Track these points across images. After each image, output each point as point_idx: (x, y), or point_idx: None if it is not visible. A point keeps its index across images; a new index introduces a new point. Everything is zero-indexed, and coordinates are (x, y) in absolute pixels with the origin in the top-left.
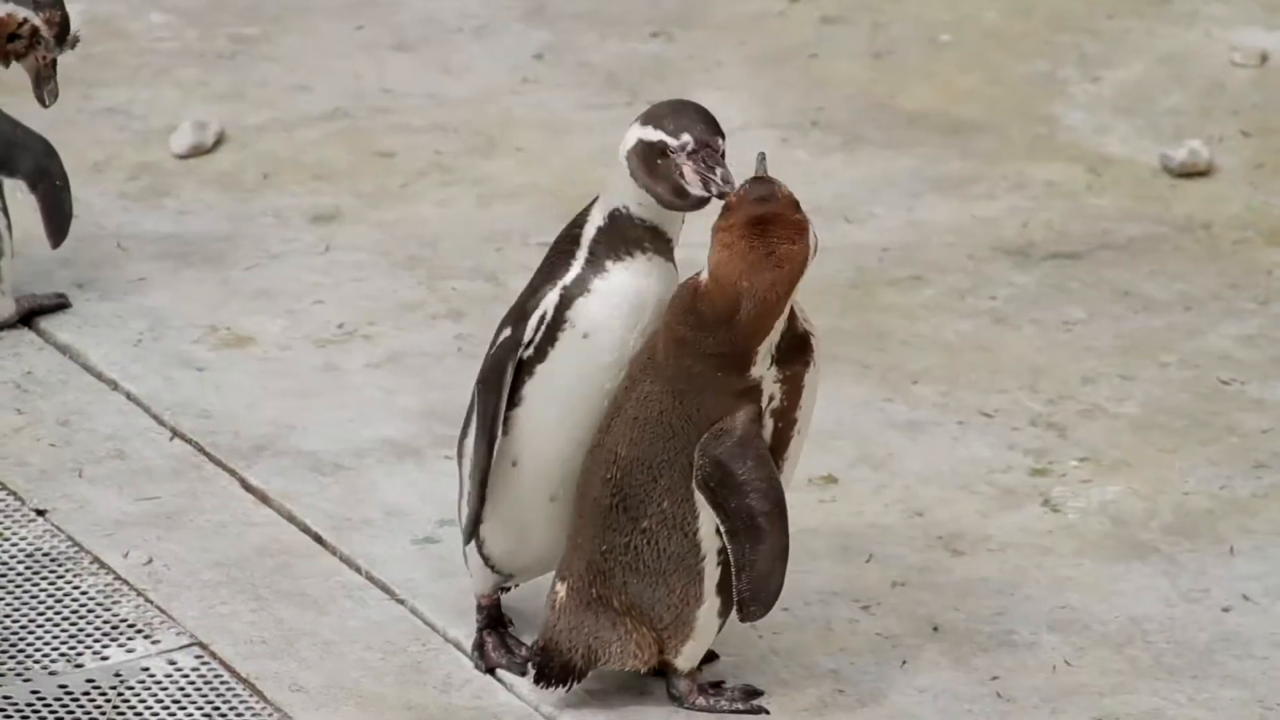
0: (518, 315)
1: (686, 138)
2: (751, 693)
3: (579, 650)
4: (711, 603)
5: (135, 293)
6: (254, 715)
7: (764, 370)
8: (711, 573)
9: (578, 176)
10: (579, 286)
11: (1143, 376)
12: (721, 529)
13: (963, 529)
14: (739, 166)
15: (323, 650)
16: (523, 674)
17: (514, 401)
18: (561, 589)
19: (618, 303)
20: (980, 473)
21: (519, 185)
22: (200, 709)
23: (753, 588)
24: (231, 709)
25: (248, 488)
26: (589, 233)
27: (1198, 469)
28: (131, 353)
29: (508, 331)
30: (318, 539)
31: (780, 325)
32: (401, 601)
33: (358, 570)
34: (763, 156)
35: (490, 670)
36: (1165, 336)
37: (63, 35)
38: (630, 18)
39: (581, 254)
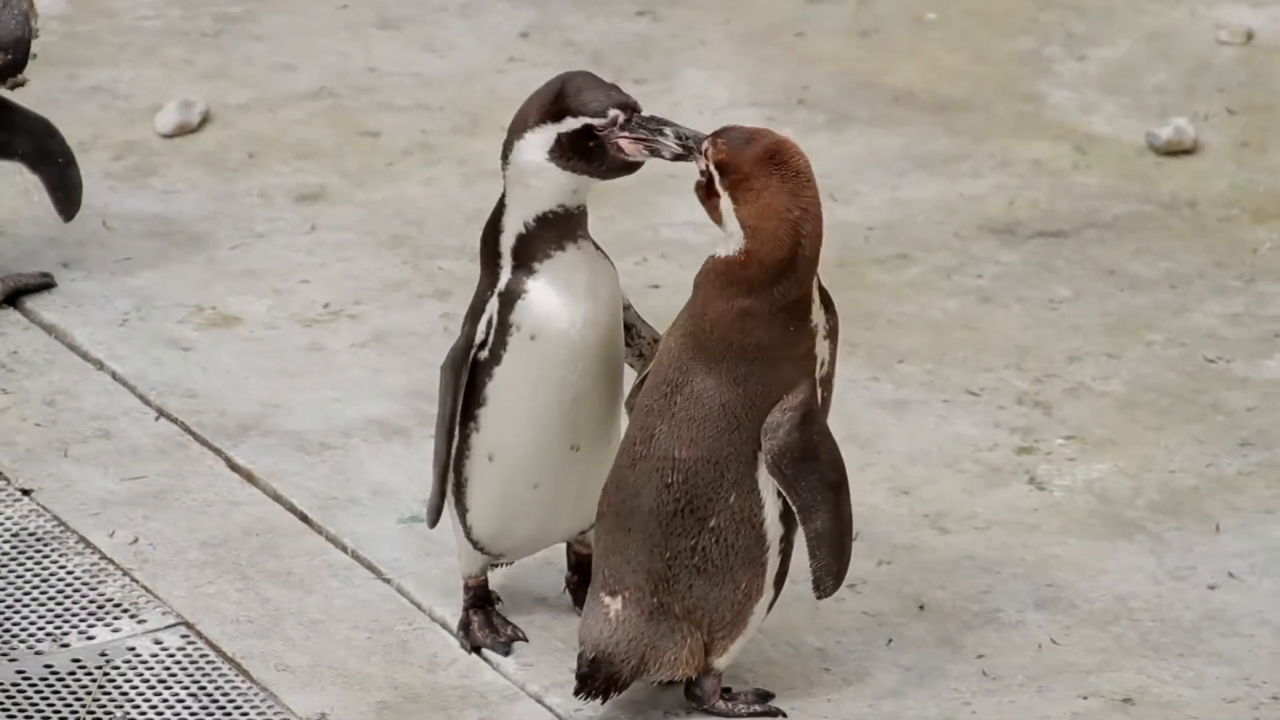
0: (471, 315)
1: (613, 112)
2: (764, 695)
3: (631, 662)
4: (768, 595)
5: (121, 272)
6: (240, 695)
7: (819, 316)
8: (773, 564)
9: None
10: (514, 290)
11: (1129, 355)
12: (794, 508)
13: (949, 507)
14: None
15: (309, 629)
16: (506, 654)
17: (480, 400)
18: (614, 602)
19: (555, 301)
20: (966, 451)
21: None
22: (186, 688)
23: (827, 562)
24: (218, 688)
25: (234, 467)
26: (507, 242)
27: (1184, 447)
28: (117, 332)
29: (465, 328)
30: (304, 518)
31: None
32: (388, 581)
33: (344, 549)
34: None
35: (475, 649)
36: (1151, 315)
37: (3, 76)
38: None
39: (506, 260)
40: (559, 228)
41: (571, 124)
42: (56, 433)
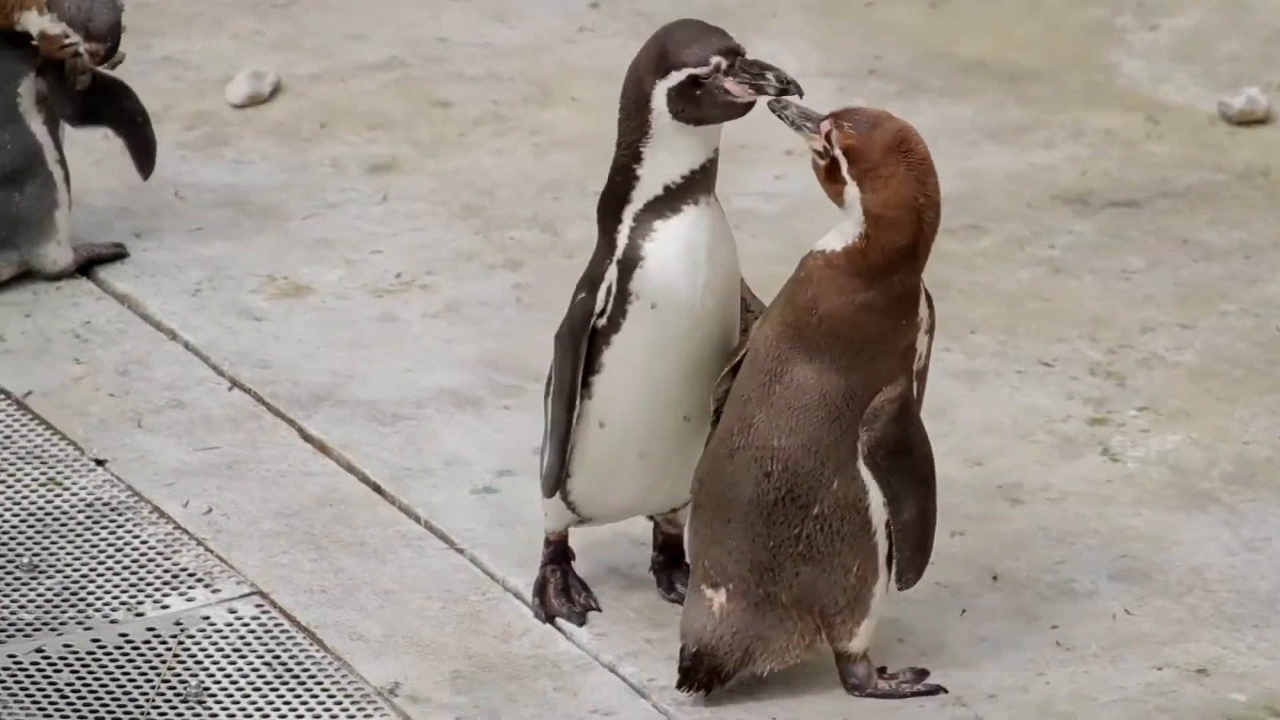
0: (589, 282)
1: (715, 59)
2: (921, 672)
3: (735, 655)
4: (884, 577)
5: (193, 242)
6: (314, 664)
7: (923, 310)
8: (882, 546)
9: None
10: (633, 257)
11: (1202, 325)
12: (884, 498)
13: (1022, 478)
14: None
15: (382, 599)
16: (581, 623)
17: (595, 367)
18: (717, 595)
19: (675, 265)
20: (1039, 422)
21: (575, 134)
22: (260, 657)
23: (911, 555)
24: (291, 657)
25: (307, 437)
26: (633, 209)
27: (1258, 418)
28: (190, 302)
29: (582, 295)
30: (377, 488)
31: None
32: (461, 551)
33: (417, 520)
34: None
35: (550, 619)
36: (1224, 285)
37: (102, 61)
38: None
39: (626, 225)
40: (693, 186)
41: (676, 77)
42: (130, 403)
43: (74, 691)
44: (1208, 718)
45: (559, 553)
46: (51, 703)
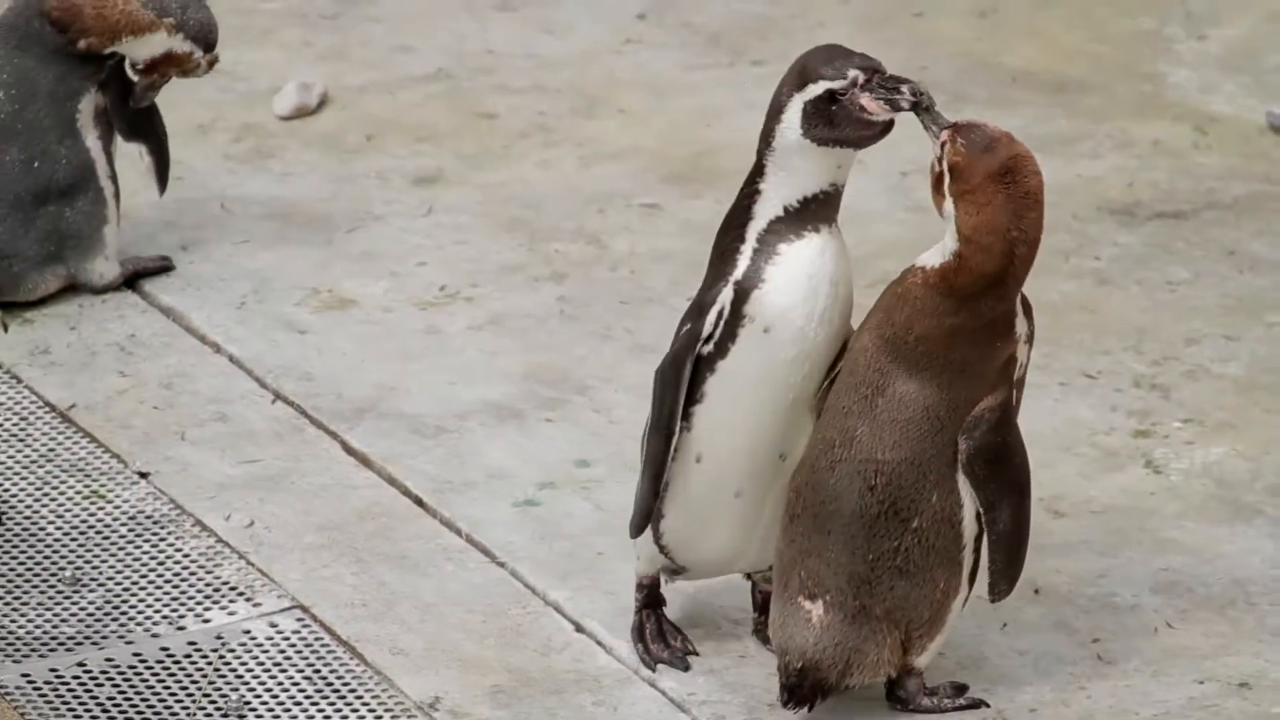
0: (696, 310)
1: (853, 73)
2: (960, 687)
3: (838, 667)
4: (964, 593)
5: (239, 255)
6: (355, 678)
7: (1021, 325)
8: (968, 561)
9: (681, 137)
10: (753, 278)
11: (1248, 337)
12: (980, 507)
13: (1065, 490)
14: None
15: (423, 613)
16: (685, 668)
17: (696, 397)
18: (815, 607)
19: (795, 292)
20: (1083, 434)
21: (622, 146)
22: (301, 671)
23: (1004, 565)
24: (332, 671)
25: (349, 450)
26: (756, 228)
27: None
28: (234, 315)
29: (687, 326)
30: (419, 502)
31: None
32: (502, 565)
33: (458, 533)
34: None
35: (655, 665)
36: (1271, 296)
37: (208, 68)
38: None
39: (748, 247)
40: (815, 212)
41: (813, 90)
42: (174, 416)
43: (115, 705)
44: None
45: (651, 597)
46: (93, 716)
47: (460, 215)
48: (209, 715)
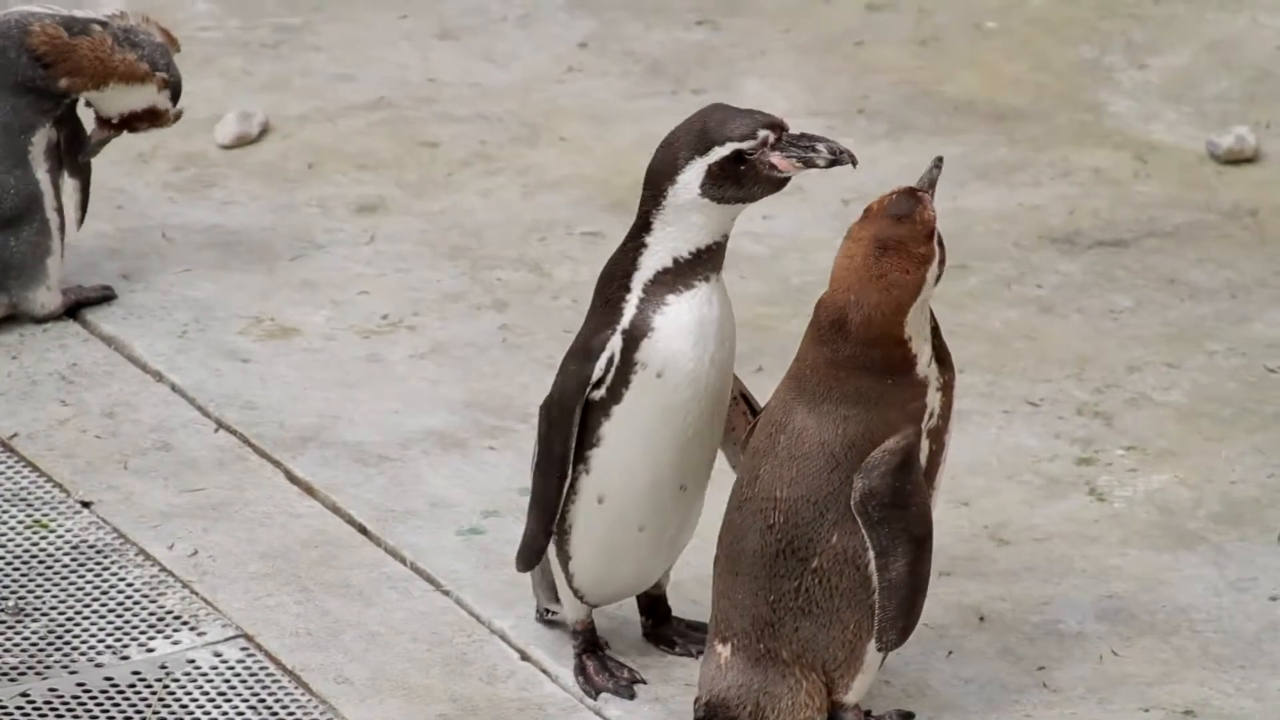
0: (583, 354)
1: (763, 133)
2: (906, 715)
3: (747, 708)
4: None
5: (180, 284)
6: (300, 707)
7: (928, 370)
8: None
9: (623, 165)
10: (641, 327)
11: (1189, 365)
12: (871, 552)
13: (1009, 518)
14: None
15: (368, 642)
16: (631, 696)
17: (592, 441)
18: (724, 650)
19: (686, 338)
20: (1026, 462)
21: (564, 175)
22: (246, 701)
23: (895, 615)
24: (277, 701)
25: (293, 479)
26: (642, 278)
27: (1245, 457)
28: (176, 344)
29: (573, 368)
30: (363, 530)
31: (921, 316)
32: (447, 593)
33: (403, 561)
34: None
35: (597, 694)
36: (1212, 324)
37: (174, 122)
38: (675, 6)
39: (634, 296)
40: (705, 262)
41: (719, 153)
42: (116, 445)
43: None
44: None
45: (590, 641)
46: None
47: (402, 244)
48: None
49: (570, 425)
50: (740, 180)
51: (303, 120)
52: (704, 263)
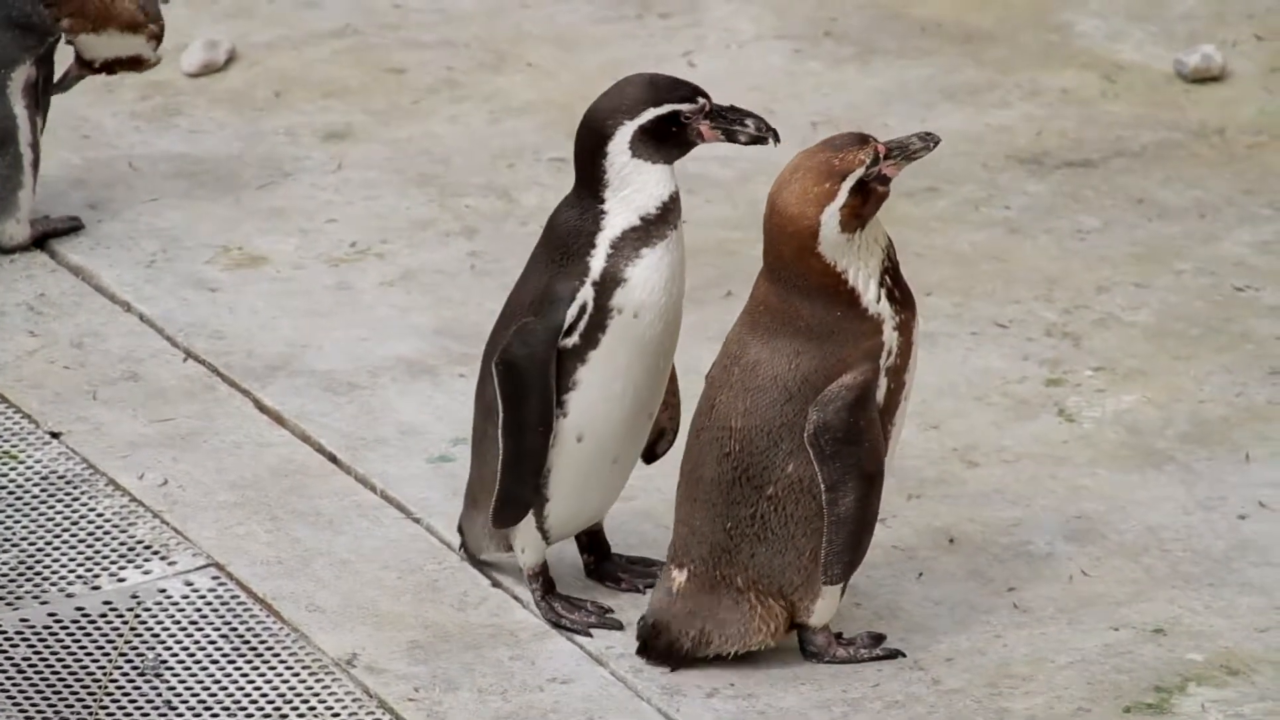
0: (544, 306)
1: (701, 100)
2: (878, 637)
3: (690, 634)
4: None
5: (147, 213)
6: (271, 635)
7: (880, 308)
8: None
9: (590, 91)
10: (614, 278)
11: (1157, 284)
12: (821, 485)
13: (977, 440)
14: (751, 77)
15: (339, 569)
16: (619, 627)
17: (568, 386)
18: (680, 575)
19: (658, 283)
20: (995, 384)
21: (530, 101)
22: (217, 629)
23: (841, 549)
24: (249, 629)
25: (262, 408)
26: (610, 235)
27: (1213, 376)
28: (144, 274)
29: (534, 322)
30: (333, 459)
31: (851, 249)
32: (417, 520)
33: (373, 489)
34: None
35: (583, 632)
36: (1180, 243)
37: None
38: None
39: (600, 251)
40: (670, 213)
41: (653, 113)
42: (85, 375)
43: (30, 666)
44: (1165, 677)
45: (550, 581)
46: (8, 677)
47: (369, 171)
48: (125, 674)
49: (548, 376)
50: (663, 141)
51: (269, 48)
52: (670, 213)
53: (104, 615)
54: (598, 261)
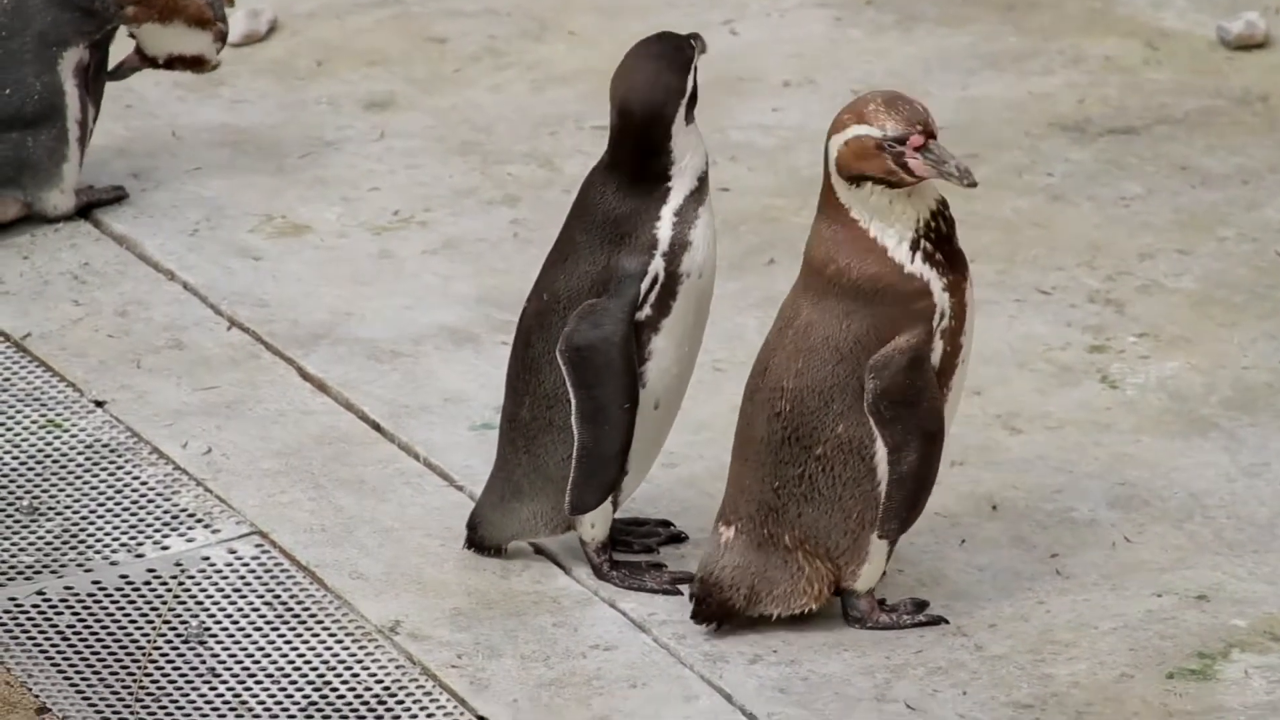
0: (605, 284)
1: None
2: (921, 604)
3: (741, 590)
4: None
5: (191, 182)
6: (315, 603)
7: (913, 266)
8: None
9: None
10: (680, 245)
11: (1201, 251)
12: (885, 447)
13: (1021, 406)
14: (792, 44)
15: (382, 537)
16: (680, 579)
17: (644, 357)
18: (728, 531)
19: (709, 242)
20: (1038, 350)
21: (572, 69)
22: (261, 597)
23: (899, 506)
24: (292, 596)
25: (305, 376)
26: (673, 206)
27: (1256, 343)
28: (188, 242)
29: (604, 304)
30: (376, 426)
31: (904, 204)
32: (460, 488)
33: (416, 457)
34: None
35: (672, 592)
36: (1223, 210)
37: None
38: None
39: (665, 223)
40: (704, 182)
41: (691, 77)
42: (129, 344)
43: (75, 633)
44: (1208, 643)
45: (613, 552)
46: (53, 644)
47: (412, 140)
48: (169, 642)
49: (629, 355)
50: (695, 97)
51: (311, 17)
52: (704, 182)
53: (148, 583)
54: (664, 232)
